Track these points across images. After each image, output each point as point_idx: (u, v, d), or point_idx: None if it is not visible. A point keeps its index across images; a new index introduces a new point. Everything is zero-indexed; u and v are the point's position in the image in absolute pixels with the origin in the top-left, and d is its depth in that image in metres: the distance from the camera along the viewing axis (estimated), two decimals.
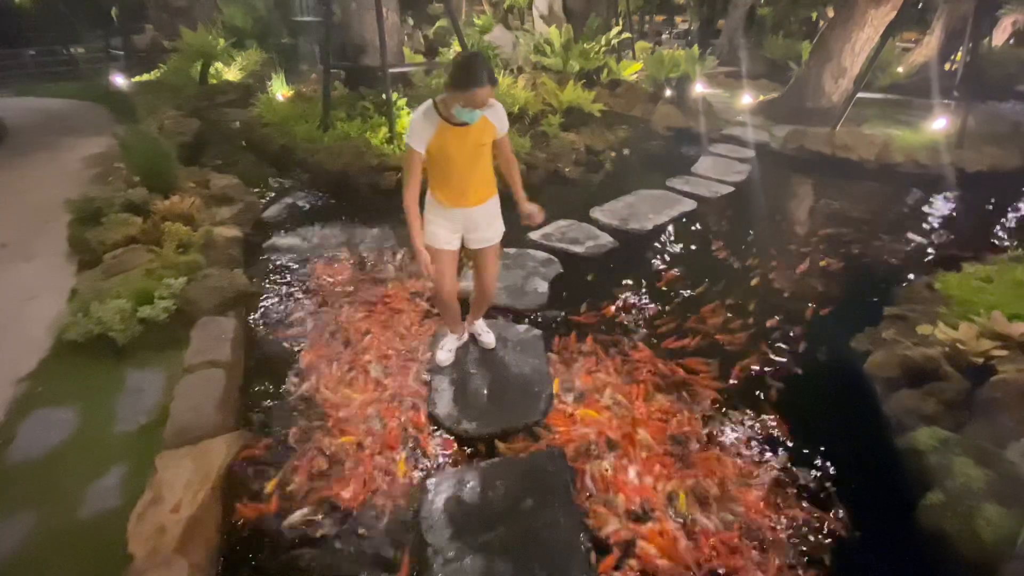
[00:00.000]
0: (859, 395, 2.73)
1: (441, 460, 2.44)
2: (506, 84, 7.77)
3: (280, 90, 7.32)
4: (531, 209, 2.49)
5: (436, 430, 2.58)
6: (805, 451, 2.43)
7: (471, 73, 2.01)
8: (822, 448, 2.43)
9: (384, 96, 5.92)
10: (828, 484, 2.27)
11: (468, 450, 2.49)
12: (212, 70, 8.58)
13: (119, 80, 8.50)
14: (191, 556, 1.84)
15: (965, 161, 5.75)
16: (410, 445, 2.49)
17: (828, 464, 2.36)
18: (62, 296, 3.49)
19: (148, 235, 3.79)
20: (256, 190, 5.24)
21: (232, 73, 8.97)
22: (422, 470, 2.38)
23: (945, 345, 2.64)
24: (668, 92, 8.10)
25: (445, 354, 2.87)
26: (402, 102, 6.32)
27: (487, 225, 2.51)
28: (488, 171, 2.40)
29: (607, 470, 2.33)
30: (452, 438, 2.54)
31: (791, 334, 3.25)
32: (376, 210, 5.03)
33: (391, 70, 5.92)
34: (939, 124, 6.38)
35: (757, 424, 2.59)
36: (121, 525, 1.98)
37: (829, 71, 7.33)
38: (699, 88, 8.08)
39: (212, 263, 3.48)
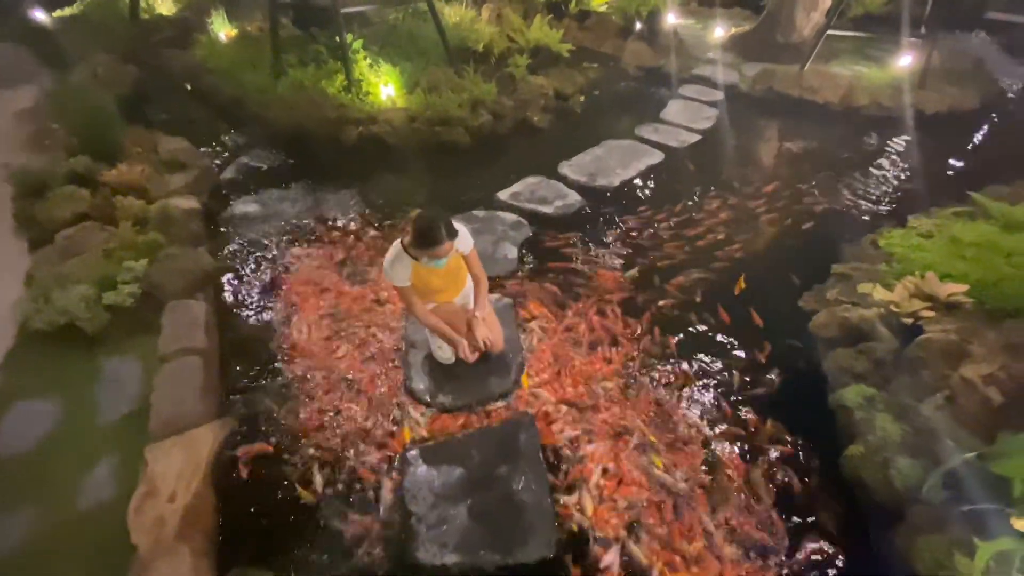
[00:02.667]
0: (805, 353, 2.97)
1: (420, 432, 2.61)
2: (469, 17, 7.31)
3: (222, 29, 6.73)
4: (480, 335, 2.65)
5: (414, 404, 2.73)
6: (753, 404, 2.69)
7: (430, 236, 2.25)
8: (767, 402, 2.70)
9: (338, 39, 5.53)
10: (769, 435, 2.55)
11: (445, 420, 2.66)
12: (143, 3, 7.74)
13: (39, 16, 7.61)
14: (192, 543, 2.00)
15: (926, 102, 5.82)
16: (391, 418, 2.65)
17: (772, 418, 2.63)
18: (18, 279, 3.40)
19: (99, 210, 3.64)
20: (208, 150, 4.98)
21: (166, 6, 8.12)
22: (402, 442, 2.55)
23: (881, 306, 2.86)
24: (638, 25, 7.76)
25: (447, 351, 2.82)
26: (358, 44, 5.92)
27: (469, 294, 2.81)
28: (465, 277, 2.73)
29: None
30: (429, 410, 2.71)
31: (747, 293, 3.44)
32: (338, 168, 4.88)
33: (344, 9, 5.49)
34: (905, 61, 6.36)
35: (708, 379, 2.83)
36: (119, 515, 2.11)
37: (801, 3, 7.11)
38: (671, 19, 7.76)
39: (173, 241, 3.39)
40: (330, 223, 4.10)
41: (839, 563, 2.10)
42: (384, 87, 5.60)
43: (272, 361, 2.94)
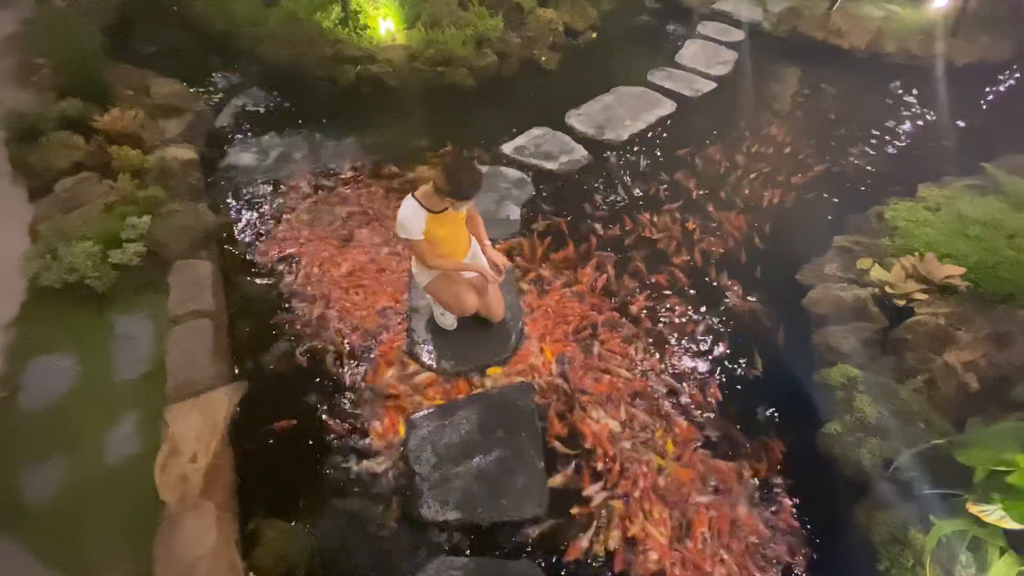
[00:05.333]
0: (799, 327, 3.04)
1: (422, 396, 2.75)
2: None
3: None
4: (496, 259, 2.73)
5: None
6: (741, 375, 2.82)
7: (464, 186, 2.31)
8: (755, 373, 2.83)
9: None
10: (754, 410, 2.69)
11: (447, 385, 2.80)
12: None
13: None
14: (215, 497, 2.18)
15: (956, 52, 5.49)
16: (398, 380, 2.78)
17: (757, 392, 2.77)
18: (22, 229, 3.41)
19: (95, 159, 3.58)
20: (200, 90, 4.77)
21: None
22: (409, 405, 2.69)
23: (876, 285, 2.90)
24: None
25: (449, 318, 2.91)
26: None
27: (473, 259, 2.79)
28: (467, 234, 2.75)
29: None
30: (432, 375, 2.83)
31: (748, 265, 3.46)
32: (337, 111, 4.71)
33: None
34: (940, 2, 5.93)
35: (703, 349, 2.94)
36: (144, 470, 2.29)
37: None
38: None
39: (173, 195, 3.37)
40: (330, 173, 4.04)
41: (798, 528, 2.30)
42: (383, 20, 5.27)
43: (278, 320, 3.03)
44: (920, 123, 4.89)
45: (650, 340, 3.00)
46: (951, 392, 2.41)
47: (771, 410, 2.69)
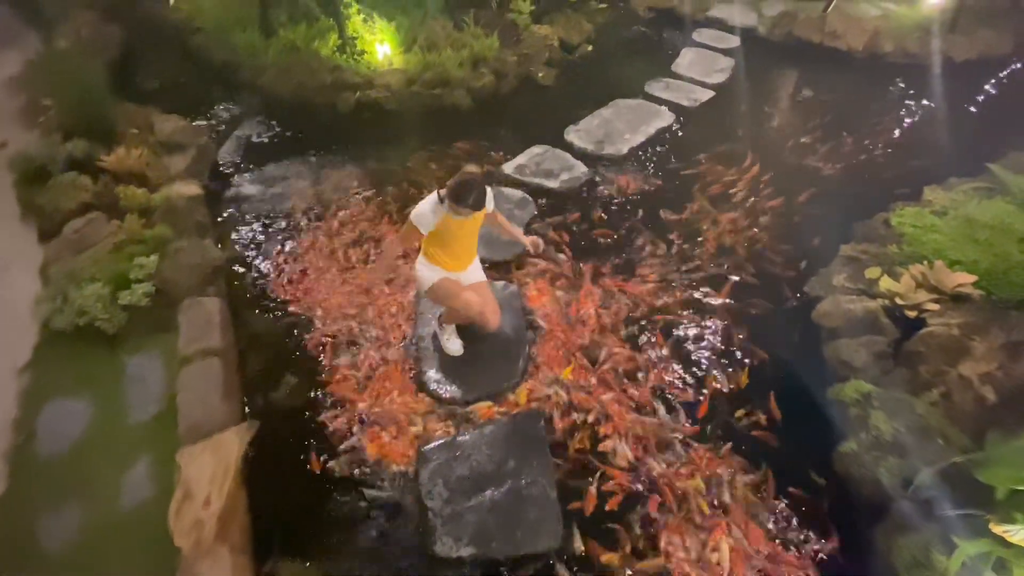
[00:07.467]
0: (809, 339, 3.01)
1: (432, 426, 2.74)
2: None
3: None
4: (532, 240, 2.85)
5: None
6: (754, 393, 2.79)
7: (465, 196, 2.35)
8: (768, 390, 2.80)
9: None
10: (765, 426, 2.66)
11: (456, 414, 2.79)
12: None
13: None
14: (230, 540, 2.19)
15: (955, 48, 5.46)
16: (407, 417, 2.78)
17: (768, 409, 2.74)
18: (32, 270, 3.46)
19: (102, 199, 3.64)
20: (203, 122, 4.84)
21: None
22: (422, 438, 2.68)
23: (886, 296, 2.87)
24: None
25: (455, 344, 2.95)
26: None
27: (475, 270, 2.88)
28: (476, 243, 2.80)
29: None
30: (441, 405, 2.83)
31: (754, 277, 3.44)
32: (339, 139, 4.75)
33: None
34: None
35: (712, 367, 2.92)
36: (159, 514, 2.29)
37: None
38: None
39: (180, 233, 3.40)
40: (333, 201, 4.06)
41: (817, 547, 2.26)
42: (380, 45, 5.33)
43: (287, 355, 3.04)
44: (922, 124, 4.85)
45: (656, 359, 2.98)
46: (968, 405, 2.37)
47: (783, 427, 2.66)
